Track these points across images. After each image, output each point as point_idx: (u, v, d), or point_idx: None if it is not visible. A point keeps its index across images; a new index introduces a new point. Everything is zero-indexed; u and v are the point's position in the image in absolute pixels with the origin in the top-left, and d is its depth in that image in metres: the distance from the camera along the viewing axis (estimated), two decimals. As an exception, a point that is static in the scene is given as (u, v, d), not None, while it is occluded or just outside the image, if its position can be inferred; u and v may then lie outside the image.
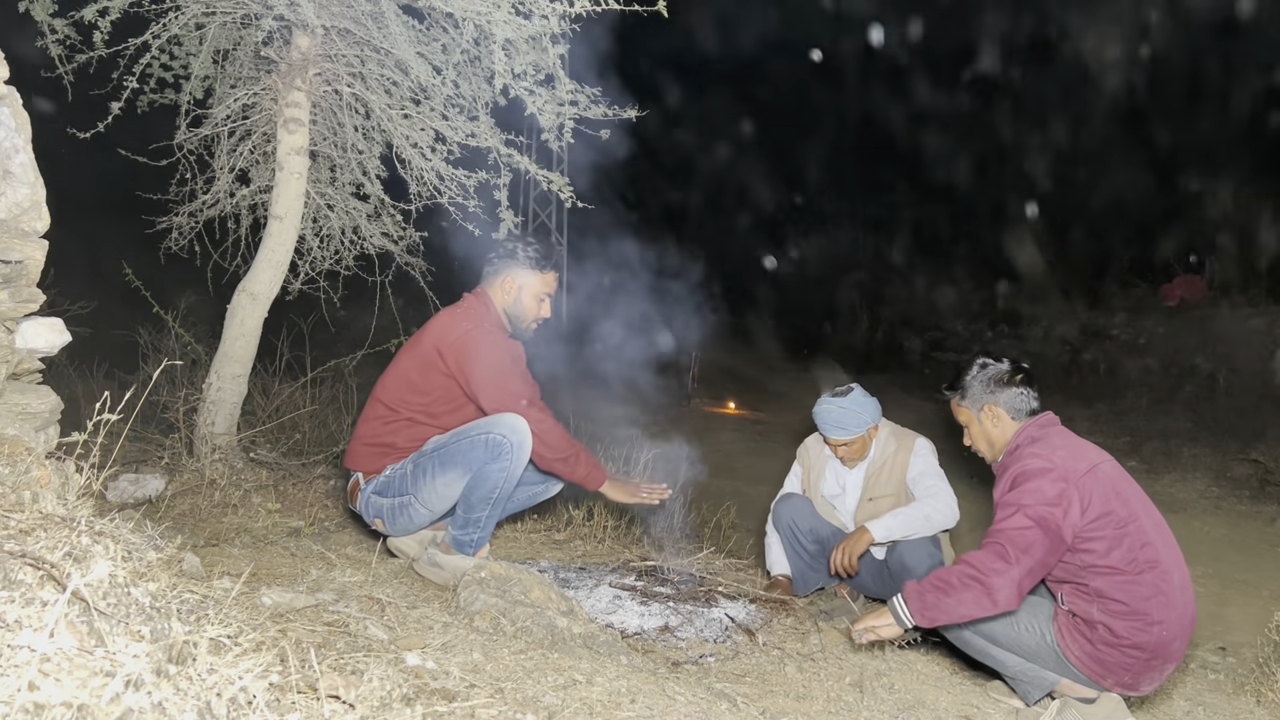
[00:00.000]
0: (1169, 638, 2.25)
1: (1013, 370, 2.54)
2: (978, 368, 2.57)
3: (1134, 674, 2.28)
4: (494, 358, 2.79)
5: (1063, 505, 2.24)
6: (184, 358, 4.46)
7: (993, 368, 2.55)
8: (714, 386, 11.21)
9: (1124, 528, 2.27)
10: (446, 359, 2.80)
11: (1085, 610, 2.31)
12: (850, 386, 3.28)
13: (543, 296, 2.97)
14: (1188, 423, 8.56)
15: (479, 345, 2.79)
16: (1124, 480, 2.40)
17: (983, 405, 2.54)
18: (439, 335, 2.85)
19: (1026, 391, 2.52)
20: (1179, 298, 11.29)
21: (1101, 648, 2.28)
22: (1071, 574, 2.33)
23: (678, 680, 2.03)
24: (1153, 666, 2.28)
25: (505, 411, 2.74)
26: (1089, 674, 2.32)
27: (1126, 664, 2.27)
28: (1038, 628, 2.40)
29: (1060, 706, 2.42)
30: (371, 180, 4.00)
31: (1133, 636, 2.24)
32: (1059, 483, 2.26)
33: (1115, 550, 2.25)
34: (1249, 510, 6.38)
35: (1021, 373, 2.53)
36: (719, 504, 4.62)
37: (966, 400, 2.58)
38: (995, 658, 2.49)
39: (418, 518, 2.84)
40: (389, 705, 1.31)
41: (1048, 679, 2.42)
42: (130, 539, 1.55)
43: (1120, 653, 2.26)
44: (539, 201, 17.71)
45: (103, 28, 3.38)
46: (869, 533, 3.06)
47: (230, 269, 4.12)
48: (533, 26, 3.26)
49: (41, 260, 1.89)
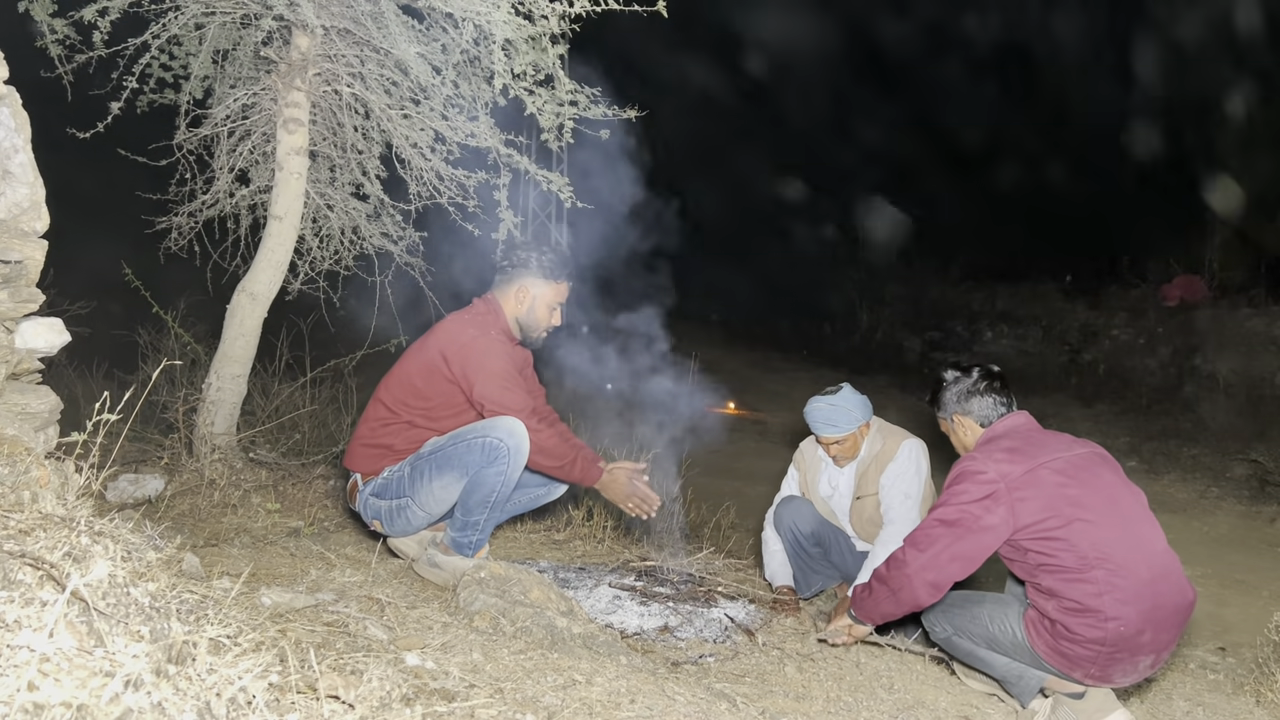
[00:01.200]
0: (1130, 632, 2.24)
1: (980, 378, 2.60)
2: (949, 380, 2.65)
3: (1100, 667, 2.29)
4: (498, 366, 2.78)
5: (985, 505, 2.31)
6: (183, 358, 4.46)
7: (961, 380, 2.62)
8: (714, 386, 11.20)
9: (1068, 525, 2.28)
10: (451, 365, 2.79)
11: (1043, 607, 2.34)
12: (840, 385, 3.30)
13: (555, 306, 2.96)
14: (1188, 423, 8.56)
15: (484, 353, 2.78)
16: (1079, 474, 2.36)
17: (952, 415, 2.63)
18: (445, 340, 2.84)
19: (994, 399, 2.58)
20: (1179, 298, 11.29)
21: (1062, 643, 2.30)
22: (1027, 573, 2.38)
23: (677, 680, 2.03)
24: (1118, 660, 2.27)
25: (510, 409, 2.74)
26: (1059, 668, 2.34)
27: (1089, 657, 2.27)
28: (1009, 626, 2.42)
29: (1053, 704, 2.43)
30: (371, 180, 4.00)
31: (1087, 632, 2.25)
32: (987, 486, 2.33)
33: (1060, 549, 2.28)
34: (1249, 510, 6.38)
35: (989, 378, 2.60)
36: (719, 504, 4.62)
37: (942, 412, 2.68)
38: (983, 659, 2.50)
39: (415, 520, 2.84)
40: (388, 705, 1.31)
41: (1033, 677, 2.44)
42: (130, 539, 1.55)
43: (1081, 647, 2.27)
44: (539, 201, 17.71)
45: (102, 28, 3.38)
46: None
47: (230, 269, 4.12)
48: (532, 27, 3.26)
49: (41, 260, 1.89)
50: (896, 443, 3.26)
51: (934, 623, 2.59)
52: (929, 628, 2.63)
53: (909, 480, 3.20)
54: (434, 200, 3.85)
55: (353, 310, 4.43)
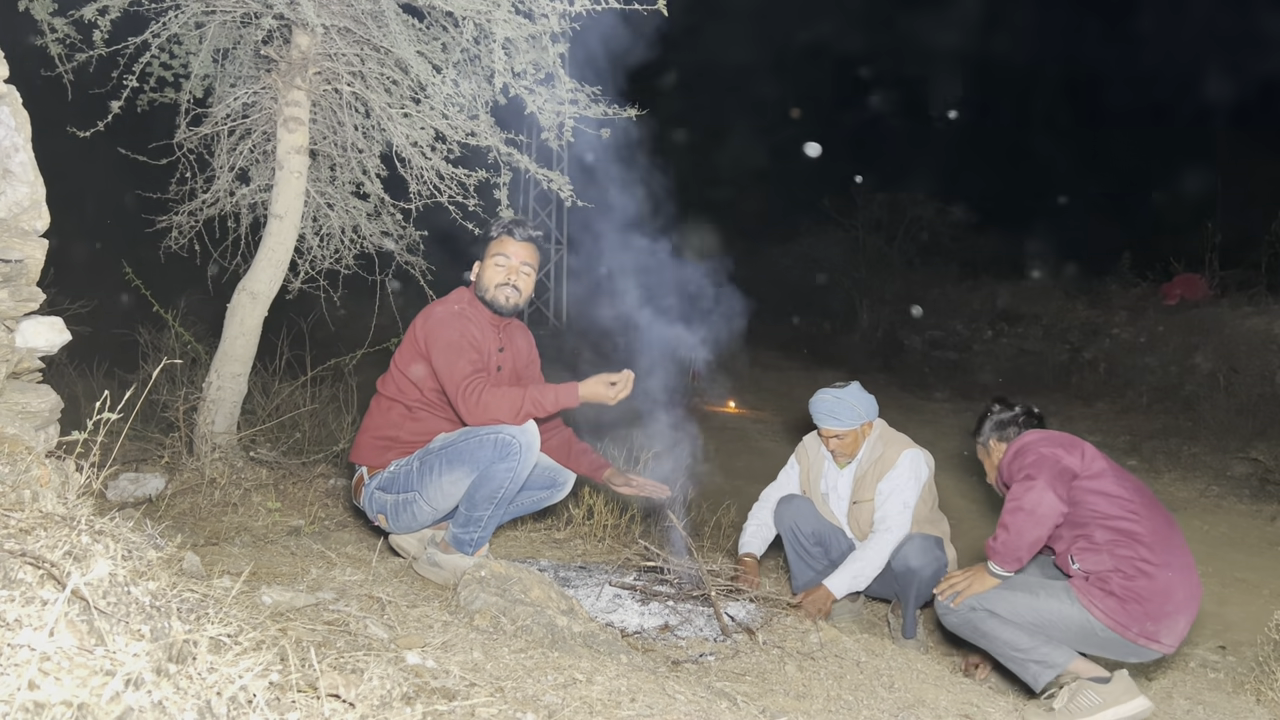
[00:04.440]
0: (1176, 582, 2.45)
1: (1021, 413, 2.84)
2: (993, 412, 2.89)
3: (1155, 622, 2.43)
4: (447, 334, 2.81)
5: (1063, 449, 2.57)
6: (184, 357, 4.46)
7: (1002, 413, 2.87)
8: (714, 385, 11.21)
9: (1121, 482, 2.55)
10: (418, 340, 2.85)
11: (1097, 563, 2.49)
12: (850, 381, 3.32)
13: (499, 260, 2.91)
14: (1188, 422, 8.54)
15: (437, 323, 2.83)
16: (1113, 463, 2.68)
17: (989, 440, 2.87)
18: (418, 320, 2.91)
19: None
20: (1179, 296, 11.28)
21: (1120, 594, 2.44)
22: (1079, 530, 2.54)
23: (678, 679, 2.03)
24: (1167, 612, 2.44)
25: (452, 383, 2.73)
26: (1116, 628, 2.44)
27: (1148, 613, 2.42)
28: (1057, 605, 2.52)
29: (1075, 689, 2.47)
30: (371, 179, 3.99)
31: (1144, 574, 2.44)
32: (1055, 444, 2.59)
33: (1113, 502, 2.51)
34: (1249, 509, 6.37)
35: (1029, 416, 2.84)
36: (719, 503, 4.62)
37: (984, 448, 2.90)
38: (1008, 639, 2.56)
39: (421, 515, 2.84)
40: (389, 704, 1.31)
41: (1060, 658, 2.52)
42: (130, 538, 1.55)
43: (1138, 594, 2.43)
44: (539, 200, 17.72)
45: (102, 26, 3.38)
46: (829, 590, 3.14)
47: (230, 268, 4.12)
48: (533, 25, 3.26)
49: (41, 259, 1.89)
50: (897, 451, 3.26)
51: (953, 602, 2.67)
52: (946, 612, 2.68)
53: (907, 490, 3.21)
54: (434, 199, 3.85)
55: (353, 309, 4.43)
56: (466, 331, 2.82)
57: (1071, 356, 11.46)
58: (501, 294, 2.92)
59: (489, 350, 2.91)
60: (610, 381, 2.76)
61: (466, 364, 2.75)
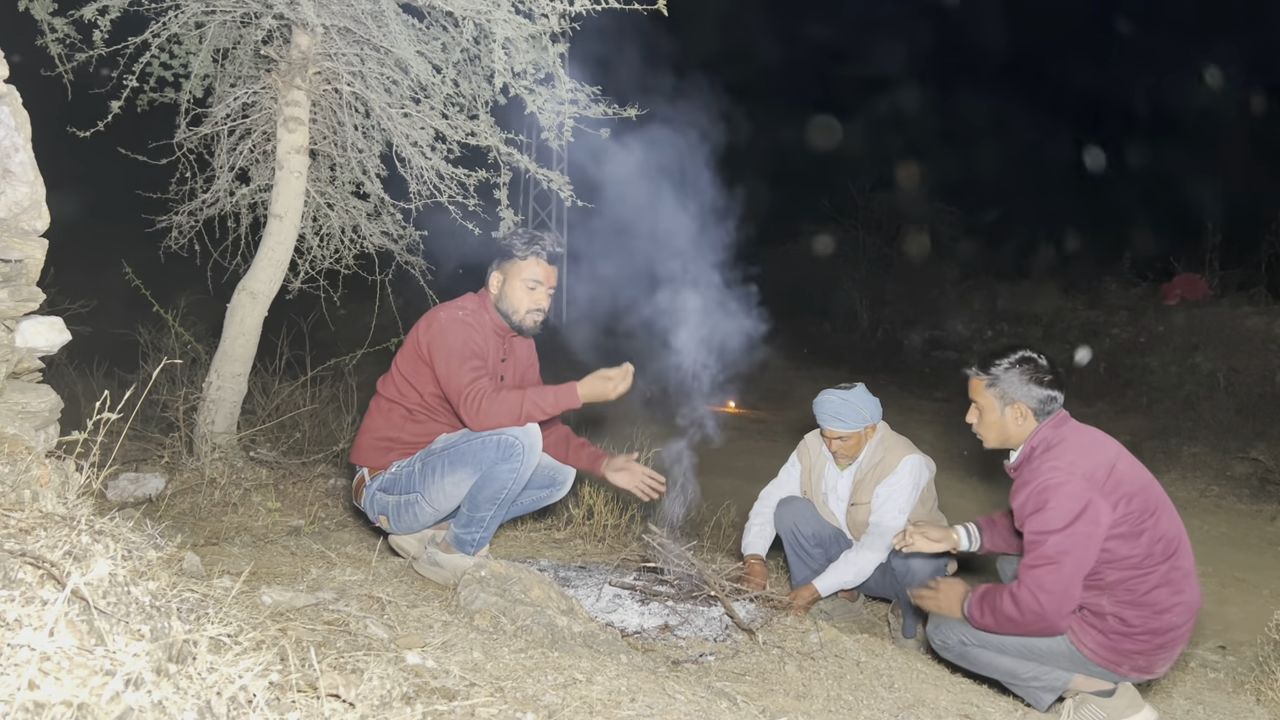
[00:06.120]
0: (1179, 622, 2.33)
1: (1050, 372, 2.48)
2: (1019, 360, 2.46)
3: (1148, 658, 2.35)
4: (450, 343, 2.79)
5: (1090, 514, 2.26)
6: (184, 356, 4.46)
7: (1034, 364, 2.45)
8: (714, 384, 11.18)
9: (1142, 523, 2.31)
10: (422, 345, 2.84)
11: (1095, 603, 2.36)
12: (855, 383, 3.31)
13: (531, 284, 2.90)
14: (1188, 422, 8.54)
15: (442, 330, 2.82)
16: (1138, 469, 2.44)
17: (1013, 401, 2.46)
18: (422, 324, 2.90)
19: (1058, 395, 2.48)
20: (1179, 296, 11.28)
21: (1114, 637, 2.33)
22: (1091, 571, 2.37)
23: (678, 679, 2.03)
24: (1164, 649, 2.35)
25: (455, 389, 2.73)
26: (1104, 664, 2.36)
27: (1140, 649, 2.33)
28: (1046, 642, 2.41)
29: (1078, 703, 2.43)
30: (371, 179, 3.99)
31: (1145, 624, 2.31)
32: (1082, 495, 2.26)
33: (1133, 545, 2.30)
34: (1249, 509, 6.38)
35: (1055, 375, 2.49)
36: (719, 503, 4.62)
37: (994, 389, 2.48)
38: (1005, 668, 2.49)
39: (423, 516, 2.84)
40: (389, 704, 1.31)
41: (1060, 680, 2.45)
42: (130, 538, 1.55)
43: (1132, 640, 2.32)
44: (539, 200, 17.72)
45: (102, 26, 3.38)
46: (815, 589, 3.17)
47: (230, 268, 4.12)
48: (532, 25, 3.25)
49: (41, 259, 1.89)
50: (898, 457, 3.26)
51: (946, 635, 2.57)
52: (936, 639, 2.62)
53: (905, 496, 3.22)
54: (434, 199, 3.85)
55: (353, 310, 4.43)
56: (470, 339, 2.82)
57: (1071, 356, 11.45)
58: (530, 319, 2.94)
59: (492, 360, 2.92)
60: (608, 377, 2.76)
61: (469, 371, 2.75)
